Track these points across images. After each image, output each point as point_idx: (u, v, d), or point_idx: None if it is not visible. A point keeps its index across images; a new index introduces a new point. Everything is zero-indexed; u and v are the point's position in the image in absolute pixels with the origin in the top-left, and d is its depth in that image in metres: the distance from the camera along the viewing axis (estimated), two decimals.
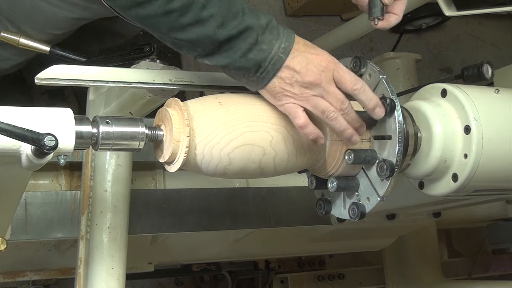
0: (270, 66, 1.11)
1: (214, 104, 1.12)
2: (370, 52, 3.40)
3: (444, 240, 2.94)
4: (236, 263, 2.69)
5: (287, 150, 1.16)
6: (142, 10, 1.07)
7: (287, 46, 1.12)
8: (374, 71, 1.19)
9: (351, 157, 1.17)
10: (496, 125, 1.22)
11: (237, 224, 1.79)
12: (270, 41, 1.11)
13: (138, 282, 2.78)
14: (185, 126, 1.06)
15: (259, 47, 1.10)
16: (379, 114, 1.16)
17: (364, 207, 1.21)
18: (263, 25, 1.11)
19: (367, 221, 2.00)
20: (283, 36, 1.13)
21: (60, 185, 1.64)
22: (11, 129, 0.88)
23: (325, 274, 2.71)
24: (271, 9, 3.22)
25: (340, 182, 1.21)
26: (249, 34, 1.09)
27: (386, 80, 1.17)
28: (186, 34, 1.09)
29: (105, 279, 1.42)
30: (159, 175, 1.77)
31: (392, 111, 1.15)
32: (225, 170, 1.13)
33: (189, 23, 1.07)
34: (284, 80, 1.12)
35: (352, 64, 1.22)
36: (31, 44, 1.56)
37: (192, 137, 1.07)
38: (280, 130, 1.15)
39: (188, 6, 1.06)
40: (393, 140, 1.15)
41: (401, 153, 1.15)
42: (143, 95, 1.30)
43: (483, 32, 3.78)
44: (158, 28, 1.10)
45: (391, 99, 1.15)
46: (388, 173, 1.14)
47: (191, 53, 1.14)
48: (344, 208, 1.26)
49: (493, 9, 1.57)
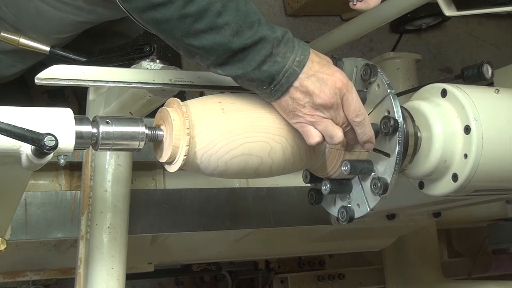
0: (284, 79, 1.09)
1: (216, 110, 1.11)
2: (370, 52, 3.40)
3: (444, 240, 2.94)
4: (236, 263, 2.69)
5: (284, 159, 1.16)
6: (157, 13, 1.05)
7: (302, 59, 1.10)
8: (384, 83, 1.17)
9: (347, 168, 1.16)
10: (496, 125, 1.21)
11: (237, 224, 1.79)
12: (284, 54, 1.09)
13: (138, 282, 2.78)
14: (186, 135, 1.06)
15: (273, 59, 1.08)
16: (368, 148, 1.16)
17: (354, 212, 1.21)
18: (278, 37, 1.09)
19: (367, 221, 2.01)
20: (298, 49, 1.11)
21: (60, 185, 1.64)
22: (11, 129, 0.88)
23: (325, 274, 2.71)
24: (271, 9, 3.21)
25: (333, 186, 1.21)
26: (263, 46, 1.07)
27: (393, 96, 1.15)
28: (200, 41, 1.06)
29: (105, 279, 1.42)
30: (159, 175, 1.77)
31: (395, 132, 1.14)
32: (221, 175, 1.14)
33: (203, 29, 1.05)
34: (296, 100, 1.10)
35: (362, 71, 1.20)
36: (31, 44, 1.56)
37: (191, 146, 1.07)
38: (279, 140, 1.14)
39: (204, 12, 1.04)
40: (391, 159, 1.15)
41: (397, 174, 1.14)
42: (143, 95, 1.30)
43: (483, 32, 3.78)
44: (172, 33, 1.07)
45: (395, 120, 1.13)
46: (381, 191, 1.15)
47: (204, 62, 1.11)
48: (334, 206, 1.27)
49: (493, 9, 1.57)
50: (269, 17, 3.20)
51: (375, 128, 1.16)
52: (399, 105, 1.15)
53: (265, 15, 3.22)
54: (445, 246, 2.95)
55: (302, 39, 1.18)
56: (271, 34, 1.08)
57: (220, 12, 1.05)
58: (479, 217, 2.47)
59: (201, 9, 1.04)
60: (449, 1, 1.64)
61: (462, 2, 1.62)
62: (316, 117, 1.11)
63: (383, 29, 3.43)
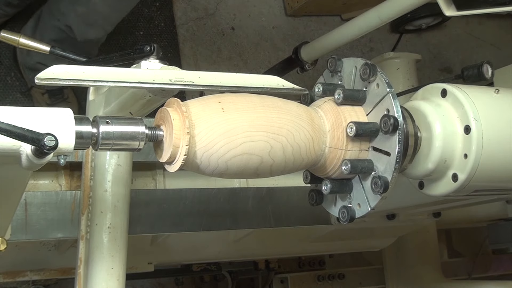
0: None
1: (216, 110, 1.11)
2: (370, 52, 3.40)
3: (444, 240, 2.94)
4: (236, 263, 2.69)
5: (285, 159, 1.16)
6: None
7: None
8: (383, 83, 1.17)
9: (347, 167, 1.16)
10: (496, 125, 1.21)
11: (237, 224, 1.79)
12: None
13: (138, 282, 2.79)
14: (186, 134, 1.06)
15: None
16: None
17: (354, 212, 1.21)
18: None
19: (367, 221, 2.01)
20: None
21: (60, 185, 1.64)
22: (11, 129, 0.88)
23: (325, 274, 2.71)
24: (271, 9, 3.22)
25: (334, 186, 1.21)
26: None
27: (393, 95, 1.15)
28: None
29: (105, 279, 1.42)
30: (159, 175, 1.77)
31: (395, 131, 1.14)
32: (221, 175, 1.14)
33: None
34: None
35: (362, 71, 1.20)
36: (31, 44, 1.56)
37: (191, 145, 1.07)
38: (280, 140, 1.14)
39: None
40: (391, 158, 1.15)
41: (397, 172, 1.14)
42: (143, 95, 1.30)
43: (483, 32, 3.78)
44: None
45: (395, 118, 1.14)
46: (381, 190, 1.15)
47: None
48: (335, 206, 1.26)
49: (493, 9, 1.57)
50: (269, 17, 3.21)
51: (375, 127, 1.16)
52: (398, 104, 1.16)
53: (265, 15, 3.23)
54: (445, 246, 2.95)
55: (302, 39, 1.18)
56: None
57: None
58: (479, 217, 2.47)
59: None
60: (449, 1, 1.64)
61: (462, 2, 1.62)
62: None
63: (383, 29, 3.43)
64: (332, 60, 1.20)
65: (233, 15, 3.16)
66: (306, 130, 1.17)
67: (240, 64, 3.12)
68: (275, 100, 1.18)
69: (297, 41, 3.09)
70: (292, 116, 1.16)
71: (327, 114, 1.21)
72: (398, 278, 2.62)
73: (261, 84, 1.30)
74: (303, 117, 1.18)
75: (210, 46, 3.05)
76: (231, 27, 3.14)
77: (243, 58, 3.13)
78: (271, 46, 3.18)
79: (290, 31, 3.22)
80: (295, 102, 1.21)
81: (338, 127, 1.19)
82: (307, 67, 2.44)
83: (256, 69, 3.14)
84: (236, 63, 3.11)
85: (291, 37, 3.21)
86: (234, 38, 3.14)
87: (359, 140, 1.19)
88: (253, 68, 3.15)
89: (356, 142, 1.19)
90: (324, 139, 1.18)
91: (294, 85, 1.34)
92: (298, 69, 2.49)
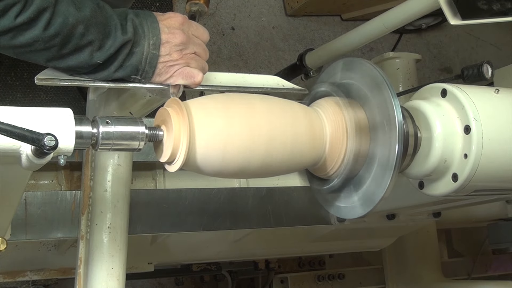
0: (147, 66, 1.14)
1: (216, 110, 1.11)
2: (370, 52, 3.40)
3: (444, 240, 2.94)
4: (236, 263, 2.69)
5: (284, 159, 1.16)
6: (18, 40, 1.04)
7: (155, 41, 1.14)
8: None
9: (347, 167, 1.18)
10: (496, 125, 1.21)
11: (237, 224, 1.78)
12: (138, 43, 1.13)
13: (138, 282, 2.79)
14: (186, 134, 1.06)
15: (131, 52, 1.13)
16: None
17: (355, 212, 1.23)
18: (131, 32, 1.12)
19: (367, 221, 2.01)
20: (149, 32, 1.14)
21: (60, 185, 1.64)
22: (11, 129, 0.87)
23: (325, 274, 2.71)
24: (271, 9, 3.22)
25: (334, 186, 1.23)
26: (123, 49, 1.12)
27: (393, 95, 1.17)
28: (65, 63, 1.10)
29: (105, 279, 1.41)
30: (159, 175, 1.77)
31: (395, 131, 1.15)
32: (222, 175, 1.15)
33: (68, 52, 1.09)
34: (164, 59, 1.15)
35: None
36: None
37: (191, 145, 1.07)
38: (280, 140, 1.14)
39: (68, 38, 1.07)
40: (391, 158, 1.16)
41: (397, 172, 1.16)
42: (143, 95, 1.30)
43: (483, 32, 3.78)
44: (36, 60, 1.10)
45: (393, 118, 1.15)
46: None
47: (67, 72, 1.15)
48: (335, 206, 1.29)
49: (498, 18, 1.56)
50: (269, 17, 3.21)
51: (375, 127, 1.17)
52: (398, 104, 1.16)
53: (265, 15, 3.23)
54: (445, 246, 2.95)
55: (302, 39, 1.18)
56: (128, 34, 1.11)
57: (83, 34, 1.07)
58: (479, 217, 2.47)
59: (65, 37, 1.06)
60: (454, 10, 1.63)
61: (467, 12, 1.61)
62: (186, 56, 1.17)
63: None
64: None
65: (233, 15, 3.16)
66: (306, 130, 1.17)
67: (240, 64, 3.12)
68: (275, 100, 1.18)
69: (297, 41, 3.09)
70: (292, 116, 1.17)
71: (327, 114, 1.21)
72: (398, 278, 2.62)
73: (261, 84, 1.30)
74: (303, 117, 1.18)
75: (210, 46, 3.05)
76: (231, 27, 3.14)
77: (243, 58, 3.13)
78: (271, 46, 3.18)
79: (290, 31, 3.22)
80: (295, 102, 1.21)
81: (338, 127, 1.19)
82: (311, 73, 2.45)
83: (256, 69, 3.14)
84: (236, 63, 3.11)
85: (291, 37, 3.21)
86: (234, 38, 3.14)
87: (359, 140, 1.19)
88: (253, 68, 3.15)
89: (356, 142, 1.19)
90: (324, 139, 1.18)
91: (294, 85, 1.34)
92: (302, 76, 2.50)
